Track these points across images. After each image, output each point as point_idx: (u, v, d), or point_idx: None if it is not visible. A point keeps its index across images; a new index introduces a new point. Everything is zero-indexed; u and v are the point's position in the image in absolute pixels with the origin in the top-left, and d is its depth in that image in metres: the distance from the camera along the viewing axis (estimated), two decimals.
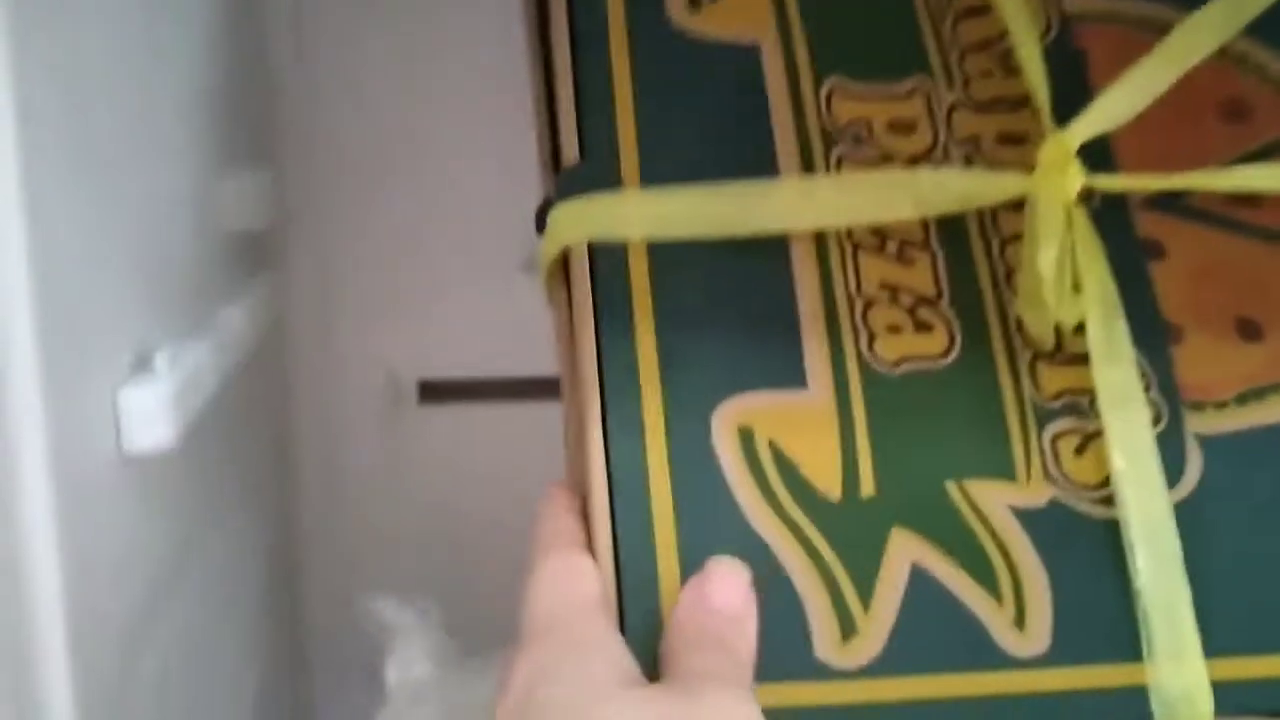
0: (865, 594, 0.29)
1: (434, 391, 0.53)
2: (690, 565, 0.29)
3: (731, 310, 0.32)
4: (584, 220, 0.32)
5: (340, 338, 0.51)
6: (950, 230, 0.34)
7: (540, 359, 0.48)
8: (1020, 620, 0.30)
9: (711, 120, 0.35)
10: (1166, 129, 0.36)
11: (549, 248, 0.34)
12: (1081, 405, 0.32)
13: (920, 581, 0.30)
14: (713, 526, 0.29)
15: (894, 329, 0.33)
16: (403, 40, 0.50)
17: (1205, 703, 0.29)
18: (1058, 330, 0.33)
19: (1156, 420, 0.32)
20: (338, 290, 0.50)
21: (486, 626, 0.39)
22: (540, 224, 0.35)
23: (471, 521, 0.51)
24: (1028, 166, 0.34)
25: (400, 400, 0.52)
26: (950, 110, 0.36)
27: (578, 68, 0.35)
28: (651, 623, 0.28)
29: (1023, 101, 0.36)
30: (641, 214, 0.32)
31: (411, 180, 0.50)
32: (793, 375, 0.32)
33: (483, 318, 0.51)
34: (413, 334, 0.52)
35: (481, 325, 0.51)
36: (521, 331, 0.50)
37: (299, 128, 0.49)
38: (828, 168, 0.34)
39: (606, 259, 0.32)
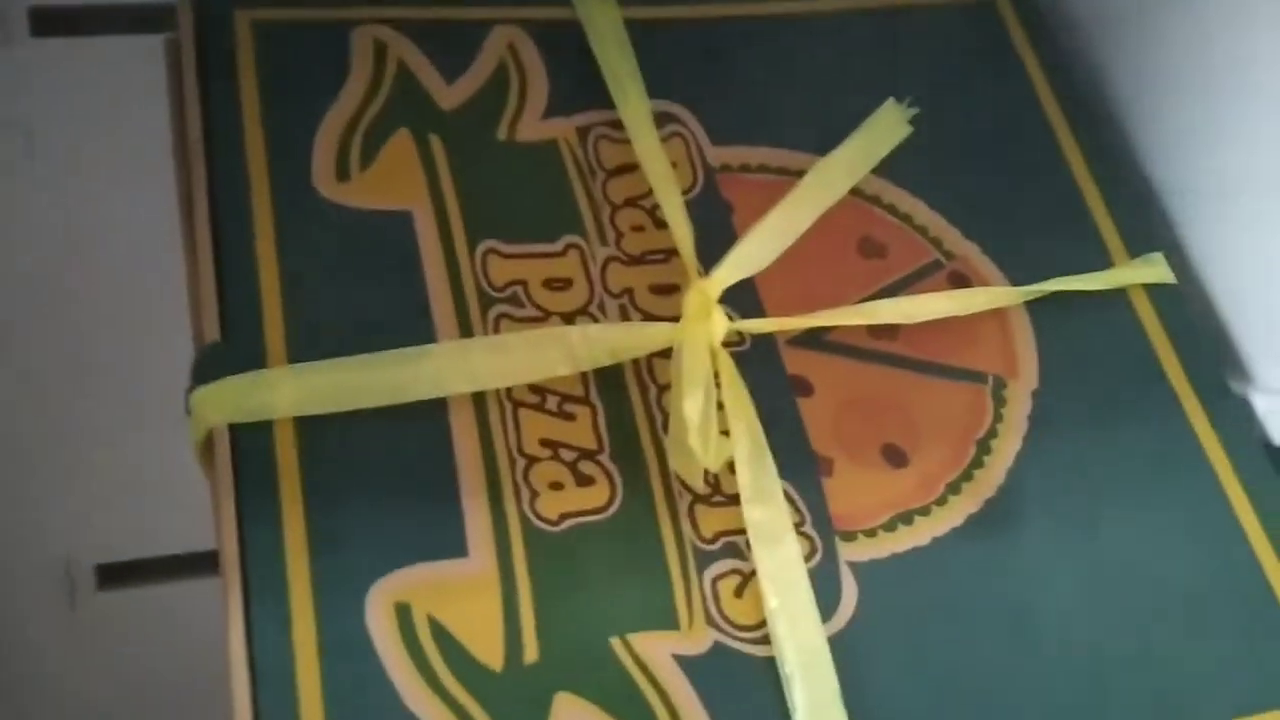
0: None
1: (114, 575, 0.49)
2: None
3: (388, 482, 0.32)
4: (225, 403, 0.31)
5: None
6: (609, 382, 0.35)
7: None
8: None
9: (363, 290, 0.34)
10: (810, 268, 0.38)
11: (194, 431, 0.32)
12: (739, 545, 0.33)
13: None
14: (365, 715, 0.28)
15: (556, 485, 0.33)
16: (66, 200, 0.48)
17: None
18: (715, 472, 0.34)
19: (811, 554, 0.33)
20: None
21: None
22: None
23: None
24: (679, 316, 0.35)
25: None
26: (605, 265, 0.37)
27: (219, 244, 0.34)
28: None
29: (673, 253, 0.37)
30: (287, 392, 0.32)
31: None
32: (453, 543, 0.31)
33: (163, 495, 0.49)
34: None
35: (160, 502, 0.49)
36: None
37: None
38: (485, 329, 0.35)
39: (251, 440, 0.31)
